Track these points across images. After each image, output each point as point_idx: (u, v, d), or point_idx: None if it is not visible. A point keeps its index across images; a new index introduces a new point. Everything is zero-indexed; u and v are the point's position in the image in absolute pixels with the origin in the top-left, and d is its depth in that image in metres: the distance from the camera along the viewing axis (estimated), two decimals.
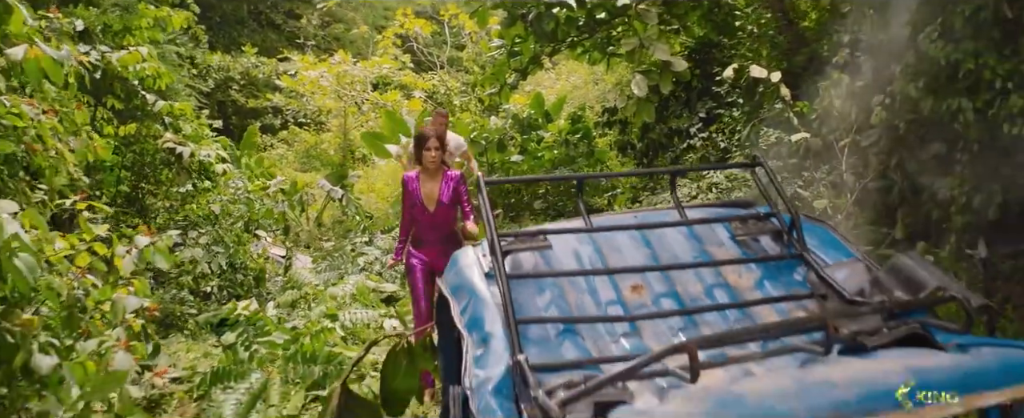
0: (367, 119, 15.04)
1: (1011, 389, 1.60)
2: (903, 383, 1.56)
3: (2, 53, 4.32)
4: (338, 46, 20.61)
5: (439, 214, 5.61)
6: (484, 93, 11.22)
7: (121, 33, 8.04)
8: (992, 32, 4.95)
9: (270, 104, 17.72)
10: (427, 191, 5.60)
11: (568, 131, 11.56)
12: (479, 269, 2.47)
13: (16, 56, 3.60)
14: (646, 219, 2.76)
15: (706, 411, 1.53)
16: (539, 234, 2.53)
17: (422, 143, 5.58)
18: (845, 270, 2.39)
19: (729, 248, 2.59)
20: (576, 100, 13.90)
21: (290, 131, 16.44)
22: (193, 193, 7.82)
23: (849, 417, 1.47)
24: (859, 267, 2.38)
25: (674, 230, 2.64)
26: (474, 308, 2.28)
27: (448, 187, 5.62)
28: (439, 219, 5.63)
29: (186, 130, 7.92)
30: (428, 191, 5.60)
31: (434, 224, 5.63)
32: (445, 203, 5.59)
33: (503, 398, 1.86)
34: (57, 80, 3.80)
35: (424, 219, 5.60)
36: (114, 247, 3.59)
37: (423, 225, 5.62)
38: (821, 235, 2.63)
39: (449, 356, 2.70)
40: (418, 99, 13.92)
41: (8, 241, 2.90)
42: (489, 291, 2.31)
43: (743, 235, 2.62)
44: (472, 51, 15.35)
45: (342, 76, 13.81)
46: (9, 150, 4.39)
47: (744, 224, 2.65)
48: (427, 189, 5.61)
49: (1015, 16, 4.82)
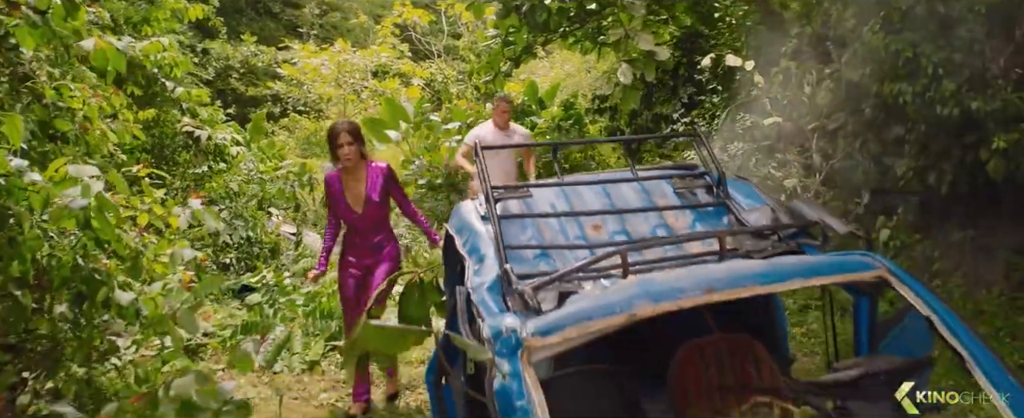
0: (366, 106, 15.80)
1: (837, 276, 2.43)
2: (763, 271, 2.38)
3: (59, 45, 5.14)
4: (336, 34, 21.37)
5: (369, 214, 5.18)
6: (480, 81, 11.95)
7: (140, 23, 8.81)
8: (928, 24, 5.75)
9: (269, 92, 18.45)
10: (353, 191, 5.18)
11: (561, 117, 12.29)
12: (476, 213, 3.28)
13: (87, 47, 4.38)
14: (606, 177, 3.58)
15: (627, 288, 2.34)
16: (523, 188, 3.35)
17: (334, 139, 5.13)
18: (756, 213, 3.19)
19: (670, 198, 3.40)
20: (569, 88, 14.66)
21: (291, 118, 17.22)
22: (209, 174, 8.60)
23: (718, 289, 2.28)
24: (767, 210, 3.18)
25: (627, 185, 3.45)
26: (473, 240, 3.09)
27: (375, 182, 5.18)
28: (370, 220, 5.21)
29: (202, 115, 8.71)
30: (354, 191, 5.18)
31: (366, 226, 5.21)
32: (375, 201, 5.16)
33: (494, 293, 2.66)
34: (120, 68, 4.58)
35: (354, 221, 5.20)
36: (169, 208, 4.38)
37: (355, 228, 5.23)
38: (743, 188, 3.44)
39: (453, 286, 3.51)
40: (416, 87, 14.68)
41: (98, 197, 3.70)
42: (484, 228, 3.11)
43: (682, 189, 3.44)
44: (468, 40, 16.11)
45: (343, 65, 14.58)
46: (68, 128, 5.19)
47: (683, 180, 3.46)
48: (352, 188, 5.19)
49: (947, 10, 5.63)
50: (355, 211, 5.15)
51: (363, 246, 5.21)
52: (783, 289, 2.45)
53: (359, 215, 5.16)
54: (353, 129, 5.17)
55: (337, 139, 5.07)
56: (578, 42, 11.80)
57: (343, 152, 5.06)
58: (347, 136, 5.07)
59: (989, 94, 5.47)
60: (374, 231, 5.23)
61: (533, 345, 2.21)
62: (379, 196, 5.15)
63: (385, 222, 5.33)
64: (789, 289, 2.48)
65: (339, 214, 5.23)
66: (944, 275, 6.75)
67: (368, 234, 5.21)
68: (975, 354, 2.24)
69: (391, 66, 15.57)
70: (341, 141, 5.06)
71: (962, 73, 5.61)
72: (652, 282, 2.36)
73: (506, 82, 12.06)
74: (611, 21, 10.85)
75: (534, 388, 2.11)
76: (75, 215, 3.72)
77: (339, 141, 5.06)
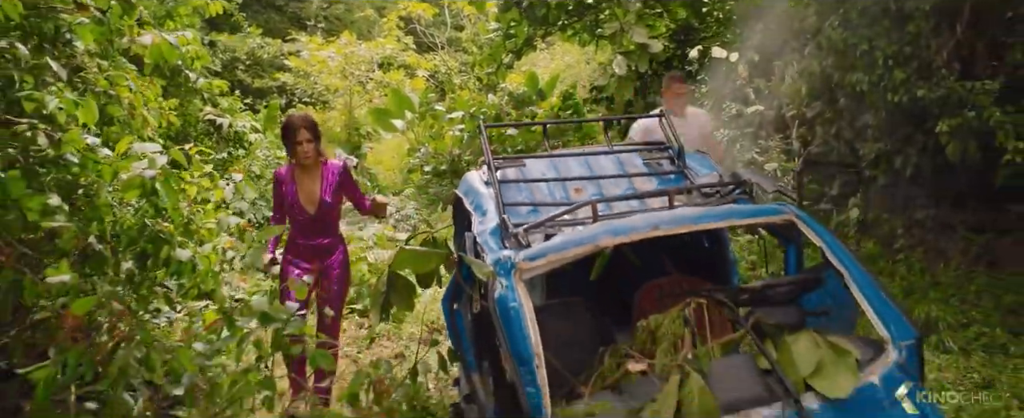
0: (371, 97, 16.62)
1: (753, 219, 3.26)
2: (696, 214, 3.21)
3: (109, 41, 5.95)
4: (341, 26, 22.18)
5: (321, 216, 5.04)
6: (482, 72, 12.77)
7: (163, 18, 9.61)
8: (882, 20, 6.56)
9: (275, 83, 19.24)
10: (306, 190, 5.01)
11: (559, 107, 13.10)
12: (480, 180, 4.11)
13: (145, 42, 5.21)
14: (588, 151, 4.42)
15: (595, 228, 3.17)
16: (519, 158, 4.18)
17: (291, 135, 4.93)
18: (707, 178, 4.02)
19: (640, 167, 4.23)
20: (569, 78, 15.45)
21: (298, 109, 18.05)
22: (229, 159, 9.43)
23: (661, 226, 3.10)
24: (715, 175, 4.01)
25: (605, 157, 4.29)
26: (477, 199, 3.92)
27: (331, 183, 5.04)
28: (321, 222, 5.05)
29: (223, 105, 9.53)
30: (307, 190, 5.01)
31: (316, 228, 5.04)
32: (329, 202, 5.02)
33: (495, 236, 3.49)
34: (173, 61, 5.41)
35: (304, 221, 5.02)
36: (215, 181, 5.22)
37: (303, 229, 5.03)
38: (699, 160, 4.27)
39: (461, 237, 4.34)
40: (421, 78, 15.51)
41: (163, 169, 4.54)
42: (487, 190, 3.95)
43: (650, 160, 4.27)
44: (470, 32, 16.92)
45: (349, 57, 15.40)
46: (119, 114, 6.02)
47: (651, 154, 4.30)
48: (305, 187, 5.02)
49: (898, 7, 6.44)
50: (307, 211, 4.99)
51: (307, 248, 5.04)
52: (710, 227, 3.29)
53: (311, 216, 5.01)
54: (311, 125, 4.97)
55: (295, 135, 4.89)
56: (576, 35, 12.58)
57: (301, 149, 4.89)
58: (306, 133, 4.89)
59: (934, 83, 6.28)
60: (323, 233, 5.08)
61: (523, 267, 3.05)
62: (333, 197, 5.02)
63: (336, 224, 5.19)
64: (716, 227, 3.32)
65: (288, 214, 5.05)
66: (907, 250, 7.47)
67: (316, 236, 5.05)
68: (854, 276, 3.07)
69: (396, 58, 16.39)
70: (299, 138, 4.88)
71: (911, 64, 6.43)
72: (612, 223, 3.19)
73: (507, 73, 12.90)
74: (607, 15, 11.69)
75: (523, 297, 2.94)
76: (143, 184, 4.56)
77: (297, 138, 4.88)
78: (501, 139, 12.77)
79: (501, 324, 2.92)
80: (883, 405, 2.70)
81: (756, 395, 2.67)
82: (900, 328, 2.92)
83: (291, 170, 5.06)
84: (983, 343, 5.91)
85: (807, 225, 3.29)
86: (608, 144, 4.40)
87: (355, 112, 16.56)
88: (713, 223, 3.25)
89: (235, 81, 20.03)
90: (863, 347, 2.90)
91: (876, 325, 2.94)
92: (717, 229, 4.27)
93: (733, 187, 3.73)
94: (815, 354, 2.75)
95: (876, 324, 2.94)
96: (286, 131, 4.96)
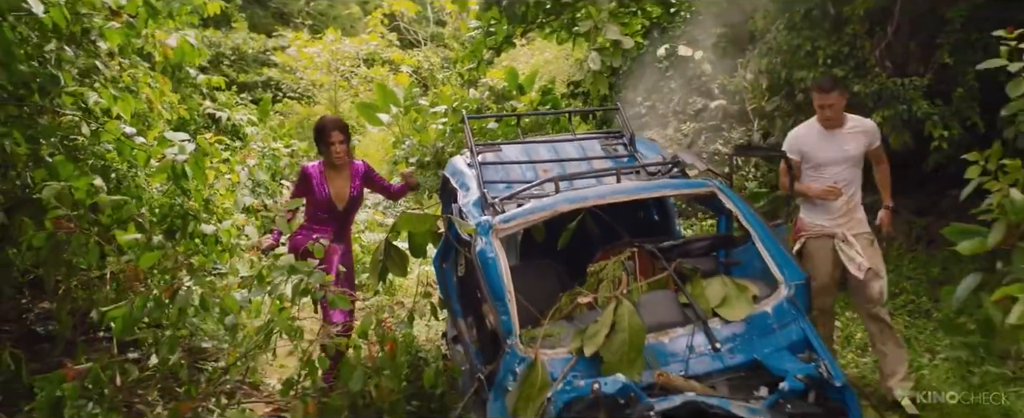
0: (356, 92, 17.48)
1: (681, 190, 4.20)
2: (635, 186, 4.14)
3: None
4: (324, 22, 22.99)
5: (347, 211, 5.58)
6: (464, 68, 13.63)
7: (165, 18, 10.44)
8: (823, 23, 7.52)
9: (260, 78, 20.02)
10: (336, 187, 5.49)
11: (538, 102, 13.97)
12: (464, 162, 5.03)
13: (172, 43, 6.08)
14: (555, 138, 5.34)
15: (556, 197, 4.10)
16: (496, 144, 5.11)
17: (325, 136, 5.39)
18: (653, 159, 4.95)
19: (598, 152, 5.15)
20: (548, 74, 16.34)
21: (284, 104, 18.90)
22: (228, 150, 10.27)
23: (607, 196, 4.03)
24: (659, 157, 4.94)
25: (569, 143, 5.21)
26: (462, 178, 4.84)
27: (358, 182, 5.56)
28: (346, 216, 5.60)
29: (221, 99, 10.38)
30: (337, 187, 5.49)
31: (340, 222, 5.56)
32: (356, 198, 5.54)
33: (477, 207, 4.41)
34: (195, 60, 6.27)
35: (333, 215, 5.50)
36: (232, 164, 6.11)
37: (328, 222, 5.50)
38: (648, 145, 5.22)
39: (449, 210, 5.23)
40: (405, 74, 16.40)
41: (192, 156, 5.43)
42: (470, 171, 4.86)
43: (607, 145, 5.20)
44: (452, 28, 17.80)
45: (335, 53, 16.28)
46: (141, 108, 6.88)
47: (607, 139, 5.23)
48: (336, 184, 5.49)
49: (836, 12, 7.39)
50: (337, 207, 5.50)
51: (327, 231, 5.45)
52: (647, 196, 4.23)
53: (339, 212, 5.53)
54: (343, 127, 5.46)
55: (329, 136, 5.39)
56: (554, 32, 13.44)
57: (335, 150, 5.38)
58: (339, 134, 5.39)
59: (868, 79, 7.24)
60: (343, 226, 5.63)
61: (499, 228, 3.97)
62: (359, 193, 5.55)
63: (353, 218, 5.80)
64: (651, 196, 4.27)
65: (314, 208, 5.47)
66: None
67: (340, 229, 5.59)
68: (759, 233, 4.00)
69: (380, 54, 17.27)
70: (333, 139, 5.38)
71: (849, 63, 7.39)
72: (568, 193, 4.12)
73: (488, 69, 13.76)
74: (583, 13, 12.55)
75: (499, 250, 3.86)
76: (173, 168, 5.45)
77: (331, 139, 5.38)
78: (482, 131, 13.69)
79: (482, 271, 3.84)
80: (772, 328, 3.64)
81: (674, 319, 3.62)
82: (791, 272, 3.87)
83: (321, 168, 5.49)
84: (909, 309, 6.87)
85: (725, 196, 4.23)
86: (572, 133, 5.34)
87: (340, 107, 17.41)
88: (650, 193, 4.20)
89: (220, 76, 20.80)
90: (763, 287, 3.85)
91: (773, 269, 3.88)
92: (665, 204, 5.22)
93: (672, 167, 4.67)
94: (722, 291, 3.70)
95: (773, 269, 3.88)
96: (320, 133, 5.43)
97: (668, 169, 4.66)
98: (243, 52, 21.27)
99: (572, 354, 3.50)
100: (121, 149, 5.62)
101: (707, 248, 4.20)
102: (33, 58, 5.31)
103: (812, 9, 7.47)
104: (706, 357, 3.51)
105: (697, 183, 4.35)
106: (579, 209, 4.10)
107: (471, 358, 4.41)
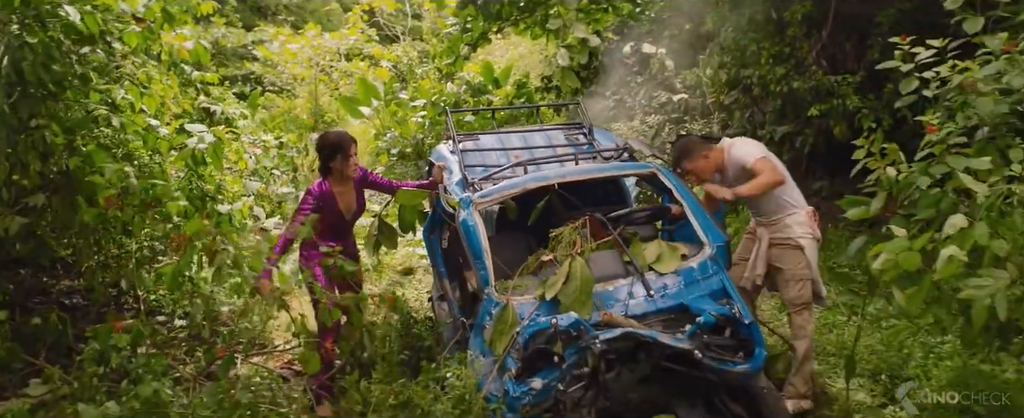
0: (335, 86, 18.37)
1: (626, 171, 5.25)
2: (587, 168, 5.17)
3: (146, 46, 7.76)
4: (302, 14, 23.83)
5: (353, 219, 5.94)
6: (442, 63, 14.56)
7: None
8: (767, 27, 8.58)
9: (239, 72, 20.80)
10: (345, 199, 5.77)
11: (514, 95, 14.94)
12: (447, 149, 6.04)
13: (188, 46, 7.03)
14: (524, 129, 6.37)
15: (524, 176, 5.12)
16: (474, 134, 6.13)
17: (345, 150, 5.60)
18: (609, 146, 5.98)
19: (562, 141, 6.18)
20: (522, 68, 17.32)
21: (266, 97, 19.73)
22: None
23: (566, 176, 5.06)
24: (614, 145, 5.97)
25: (537, 133, 6.24)
26: (446, 163, 5.85)
27: (361, 190, 5.88)
28: (351, 223, 5.95)
29: (214, 94, 11.28)
30: (346, 199, 5.78)
31: (347, 230, 5.92)
32: (361, 206, 5.90)
33: (459, 186, 5.42)
34: (206, 61, 7.22)
35: (342, 227, 5.82)
36: (241, 153, 7.07)
37: (338, 233, 5.75)
38: (604, 134, 6.25)
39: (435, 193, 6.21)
40: (385, 68, 17.33)
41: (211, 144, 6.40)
42: (452, 156, 5.87)
43: (569, 135, 6.23)
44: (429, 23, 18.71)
45: (317, 48, 17.17)
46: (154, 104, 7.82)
47: (569, 129, 6.26)
48: (345, 197, 5.77)
49: (779, 17, 8.46)
50: (345, 217, 5.82)
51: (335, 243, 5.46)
52: (599, 176, 5.27)
53: (347, 221, 5.87)
54: (355, 141, 5.71)
55: (348, 150, 5.59)
56: (528, 28, 14.40)
57: (352, 162, 5.62)
58: (354, 147, 5.62)
59: (806, 76, 8.31)
60: (349, 233, 6.00)
61: (478, 202, 4.99)
62: (363, 202, 5.93)
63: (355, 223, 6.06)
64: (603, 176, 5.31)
65: (328, 222, 5.61)
66: None
67: (346, 236, 5.89)
68: (689, 205, 5.04)
69: (360, 49, 18.17)
70: (351, 152, 5.59)
71: (789, 61, 8.46)
72: (534, 174, 5.15)
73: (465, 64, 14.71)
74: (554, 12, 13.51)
75: (479, 222, 4.87)
76: (193, 155, 6.41)
77: (350, 152, 5.58)
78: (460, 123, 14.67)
79: (464, 236, 4.85)
80: (697, 279, 4.69)
81: (617, 272, 4.67)
82: (714, 235, 4.92)
83: (326, 185, 5.67)
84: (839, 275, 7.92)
85: (664, 176, 5.26)
86: (541, 124, 6.36)
87: (320, 100, 18.30)
88: (602, 174, 5.24)
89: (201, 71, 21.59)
90: (691, 248, 4.89)
91: (699, 233, 4.93)
92: (620, 184, 6.27)
93: (623, 152, 5.70)
94: (657, 250, 4.75)
95: (699, 233, 4.93)
96: (338, 147, 5.57)
97: (620, 154, 5.68)
98: (222, 46, 22.05)
99: (536, 299, 4.52)
100: (146, 139, 6.57)
101: (647, 217, 5.25)
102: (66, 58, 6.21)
103: (756, 14, 8.52)
104: (642, 301, 4.55)
105: (642, 165, 5.40)
106: (544, 187, 5.11)
107: (454, 312, 5.43)
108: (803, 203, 5.42)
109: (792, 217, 5.31)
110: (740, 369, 4.31)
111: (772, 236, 5.35)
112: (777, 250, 5.34)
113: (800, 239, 5.26)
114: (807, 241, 5.28)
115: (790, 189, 5.39)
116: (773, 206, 5.34)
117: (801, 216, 5.32)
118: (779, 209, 5.33)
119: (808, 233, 5.29)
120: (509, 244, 5.57)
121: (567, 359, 4.20)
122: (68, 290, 7.55)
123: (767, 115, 9.69)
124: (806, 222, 5.32)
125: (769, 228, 5.38)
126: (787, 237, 5.30)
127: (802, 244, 5.26)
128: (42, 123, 5.90)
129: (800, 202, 5.40)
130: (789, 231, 5.29)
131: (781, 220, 5.33)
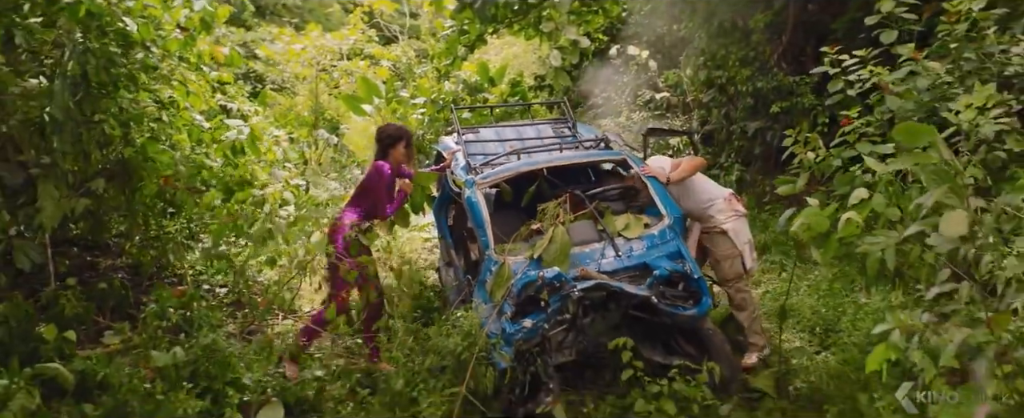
0: (335, 84, 19.54)
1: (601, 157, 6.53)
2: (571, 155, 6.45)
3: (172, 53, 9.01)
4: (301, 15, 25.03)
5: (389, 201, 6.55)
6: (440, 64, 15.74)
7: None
8: (734, 33, 9.86)
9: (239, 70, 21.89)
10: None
11: (508, 94, 16.14)
12: (453, 140, 7.32)
13: (225, 52, 8.27)
14: (518, 123, 7.64)
15: (517, 162, 6.39)
16: (475, 128, 7.40)
17: (407, 140, 6.52)
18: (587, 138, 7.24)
19: (550, 134, 7.45)
20: (517, 67, 18.52)
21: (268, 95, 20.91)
22: None
23: (553, 162, 6.34)
24: (594, 136, 7.23)
25: (528, 127, 7.52)
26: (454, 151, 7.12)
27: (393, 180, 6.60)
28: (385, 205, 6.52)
29: (230, 92, 12.47)
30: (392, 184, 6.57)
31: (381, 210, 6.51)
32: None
33: (463, 170, 6.68)
34: (239, 65, 8.46)
35: (381, 207, 6.46)
36: (271, 144, 8.30)
37: (375, 212, 6.46)
38: (586, 128, 7.54)
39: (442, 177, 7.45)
40: (384, 67, 18.53)
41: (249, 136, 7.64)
42: (456, 146, 7.14)
43: (556, 128, 7.51)
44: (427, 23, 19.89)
45: (319, 48, 18.33)
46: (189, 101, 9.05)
47: (557, 124, 7.53)
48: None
49: (745, 24, 9.73)
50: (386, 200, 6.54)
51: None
52: (579, 162, 6.54)
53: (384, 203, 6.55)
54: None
55: (409, 140, 6.52)
56: (522, 30, 15.58)
57: (412, 152, 6.57)
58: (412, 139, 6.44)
59: (769, 77, 9.59)
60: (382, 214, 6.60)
61: (480, 183, 6.26)
62: None
63: None
64: (582, 162, 6.59)
65: (381, 203, 6.37)
66: (774, 203, 10.75)
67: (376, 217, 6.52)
68: (652, 186, 6.30)
69: (361, 49, 19.34)
70: (412, 142, 6.50)
71: (754, 64, 9.74)
72: (526, 160, 6.41)
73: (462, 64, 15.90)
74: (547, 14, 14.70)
75: (481, 199, 6.14)
76: (233, 145, 7.65)
77: (411, 142, 6.50)
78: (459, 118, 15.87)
79: (469, 211, 6.12)
80: (657, 244, 5.97)
81: (592, 238, 5.95)
82: (672, 209, 6.19)
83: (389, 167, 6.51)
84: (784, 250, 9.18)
85: (632, 161, 6.52)
86: (532, 119, 7.64)
87: (320, 98, 19.47)
88: (581, 160, 6.52)
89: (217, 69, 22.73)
90: (653, 218, 6.17)
91: (660, 207, 6.20)
92: (599, 169, 7.53)
93: (602, 142, 6.97)
94: (625, 220, 6.03)
95: (660, 206, 6.20)
96: (402, 137, 6.56)
97: (598, 144, 6.95)
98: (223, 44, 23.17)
99: (527, 259, 5.80)
100: (191, 132, 7.81)
101: (617, 195, 6.54)
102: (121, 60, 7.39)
103: (725, 21, 9.81)
104: (612, 261, 5.84)
105: (614, 152, 6.67)
106: (534, 171, 6.38)
107: (459, 275, 6.70)
108: (721, 192, 6.58)
109: (713, 207, 6.46)
110: (689, 313, 5.60)
111: (703, 226, 6.56)
112: (706, 236, 6.54)
113: (723, 225, 6.38)
114: (730, 224, 6.39)
115: (705, 185, 6.63)
116: (695, 204, 6.51)
117: (720, 204, 6.47)
118: (701, 204, 6.50)
119: (731, 216, 6.41)
120: (506, 220, 6.83)
121: (551, 304, 5.48)
122: (114, 267, 8.77)
123: (739, 112, 10.98)
124: (726, 208, 6.44)
125: (699, 221, 6.59)
126: (713, 225, 6.44)
127: (725, 228, 6.38)
128: (102, 117, 7.08)
129: (718, 192, 6.57)
130: (713, 220, 6.43)
131: (705, 212, 6.49)
